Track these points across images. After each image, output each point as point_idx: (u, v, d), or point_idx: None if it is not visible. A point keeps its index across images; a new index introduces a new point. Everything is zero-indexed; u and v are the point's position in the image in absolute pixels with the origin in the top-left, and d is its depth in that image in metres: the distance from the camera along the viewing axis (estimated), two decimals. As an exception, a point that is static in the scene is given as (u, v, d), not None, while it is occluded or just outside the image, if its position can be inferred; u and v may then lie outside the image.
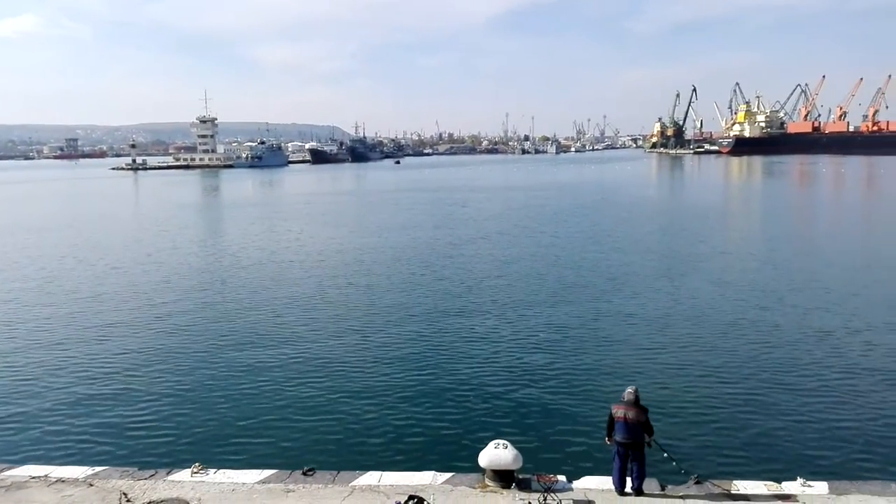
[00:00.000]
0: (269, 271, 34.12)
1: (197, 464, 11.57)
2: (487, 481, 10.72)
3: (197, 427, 15.25)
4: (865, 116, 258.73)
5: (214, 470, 11.47)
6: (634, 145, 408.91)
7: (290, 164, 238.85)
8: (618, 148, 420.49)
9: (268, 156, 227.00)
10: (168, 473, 11.43)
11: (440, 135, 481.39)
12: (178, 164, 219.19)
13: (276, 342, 21.53)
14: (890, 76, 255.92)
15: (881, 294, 26.83)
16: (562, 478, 10.84)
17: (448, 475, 11.15)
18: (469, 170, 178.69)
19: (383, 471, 11.49)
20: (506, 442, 10.77)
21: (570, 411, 15.72)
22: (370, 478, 11.12)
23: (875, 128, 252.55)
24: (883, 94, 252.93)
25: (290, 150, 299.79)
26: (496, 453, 10.57)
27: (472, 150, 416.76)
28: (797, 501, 10.13)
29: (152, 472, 11.53)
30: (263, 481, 11.08)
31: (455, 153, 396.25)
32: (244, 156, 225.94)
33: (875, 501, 10.05)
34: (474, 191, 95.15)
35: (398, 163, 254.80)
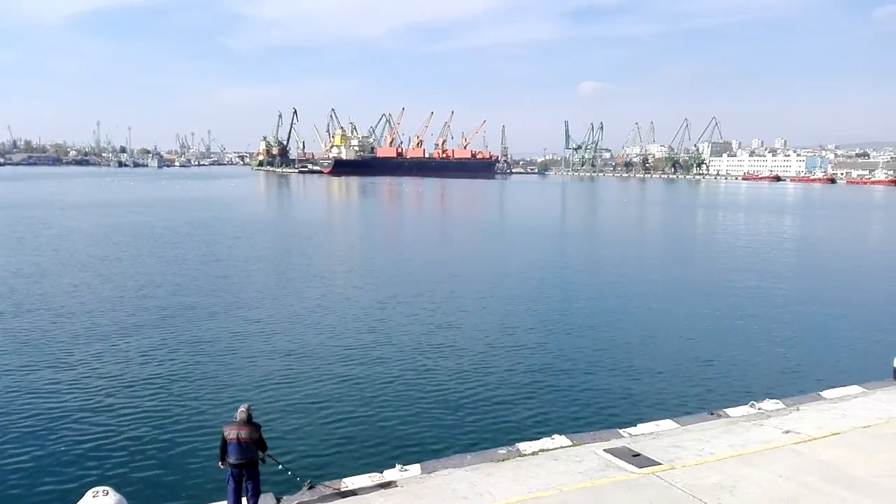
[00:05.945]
0: None
1: None
2: (86, 536, 9.54)
3: None
4: (437, 145, 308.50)
5: None
6: (242, 162, 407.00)
7: None
8: (225, 164, 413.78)
9: None
10: None
11: (14, 142, 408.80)
12: None
13: None
14: (453, 112, 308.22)
15: (482, 293, 31.82)
16: (174, 513, 10.28)
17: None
18: (55, 183, 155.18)
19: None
20: (106, 488, 9.72)
21: (183, 441, 14.94)
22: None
23: (444, 154, 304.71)
24: (449, 126, 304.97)
25: None
26: (94, 502, 9.49)
27: (56, 161, 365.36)
28: (397, 486, 11.41)
29: None
30: None
31: (35, 164, 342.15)
32: None
33: (456, 473, 11.90)
34: (61, 207, 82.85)
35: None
